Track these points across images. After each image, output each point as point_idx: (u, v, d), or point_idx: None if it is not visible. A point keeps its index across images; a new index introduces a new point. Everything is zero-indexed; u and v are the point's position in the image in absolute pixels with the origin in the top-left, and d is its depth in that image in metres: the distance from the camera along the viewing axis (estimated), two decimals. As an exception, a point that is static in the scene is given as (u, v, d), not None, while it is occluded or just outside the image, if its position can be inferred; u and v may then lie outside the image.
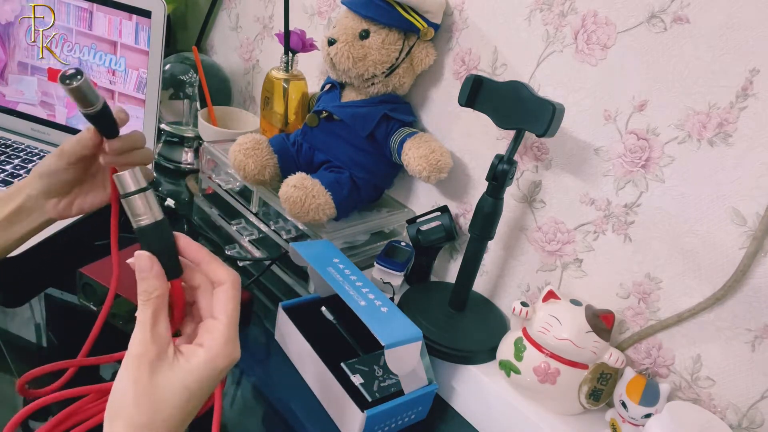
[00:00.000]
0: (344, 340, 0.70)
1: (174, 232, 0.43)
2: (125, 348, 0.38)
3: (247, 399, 0.64)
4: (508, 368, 0.64)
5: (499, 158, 0.63)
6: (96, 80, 0.91)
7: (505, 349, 0.66)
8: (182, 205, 0.95)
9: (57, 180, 0.53)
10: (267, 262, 0.81)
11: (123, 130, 0.50)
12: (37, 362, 0.60)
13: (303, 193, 0.71)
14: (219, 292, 0.40)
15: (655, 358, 0.64)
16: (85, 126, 0.50)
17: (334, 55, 0.74)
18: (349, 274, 0.64)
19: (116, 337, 0.54)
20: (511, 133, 0.64)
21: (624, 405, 0.59)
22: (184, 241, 0.42)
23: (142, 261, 0.39)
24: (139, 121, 0.91)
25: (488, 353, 0.68)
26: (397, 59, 0.75)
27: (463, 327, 0.71)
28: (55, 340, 0.66)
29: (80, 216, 0.79)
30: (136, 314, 0.39)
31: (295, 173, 0.74)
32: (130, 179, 0.41)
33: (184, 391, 0.36)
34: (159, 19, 0.85)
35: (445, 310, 0.72)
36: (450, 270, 0.86)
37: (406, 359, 0.57)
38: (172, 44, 1.31)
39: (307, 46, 0.88)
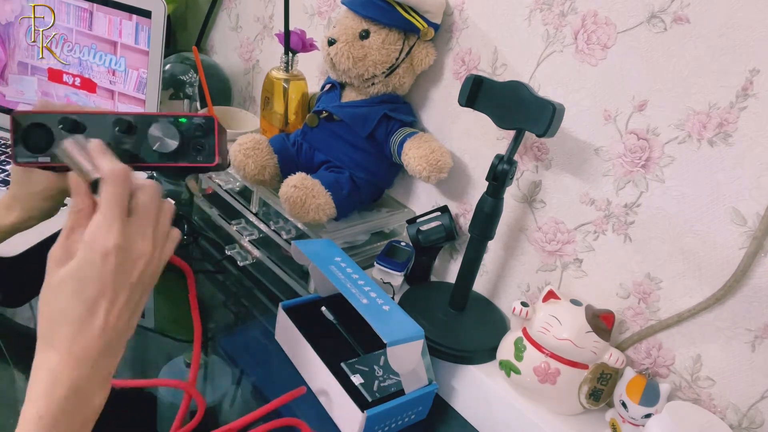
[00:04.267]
0: (344, 340, 0.70)
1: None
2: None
3: (248, 399, 0.64)
4: (508, 368, 0.64)
5: (499, 158, 0.63)
6: (96, 80, 0.91)
7: (505, 349, 0.66)
8: (182, 205, 0.95)
9: None
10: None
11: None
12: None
13: (303, 193, 0.71)
14: (102, 189, 0.42)
15: (655, 358, 0.64)
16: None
17: (334, 55, 0.75)
18: (350, 273, 0.64)
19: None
20: (511, 133, 0.64)
21: (624, 405, 0.59)
22: (69, 145, 0.44)
23: (73, 181, 0.42)
24: (139, 121, 0.91)
25: (488, 353, 0.68)
26: (397, 59, 0.75)
27: (463, 327, 0.71)
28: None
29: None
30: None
31: (295, 173, 0.74)
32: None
33: (71, 280, 0.40)
34: (159, 19, 0.85)
35: (445, 310, 0.72)
36: (450, 270, 0.86)
37: (407, 357, 0.57)
38: (172, 44, 1.31)
39: (307, 46, 0.88)
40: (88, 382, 0.40)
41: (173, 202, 0.45)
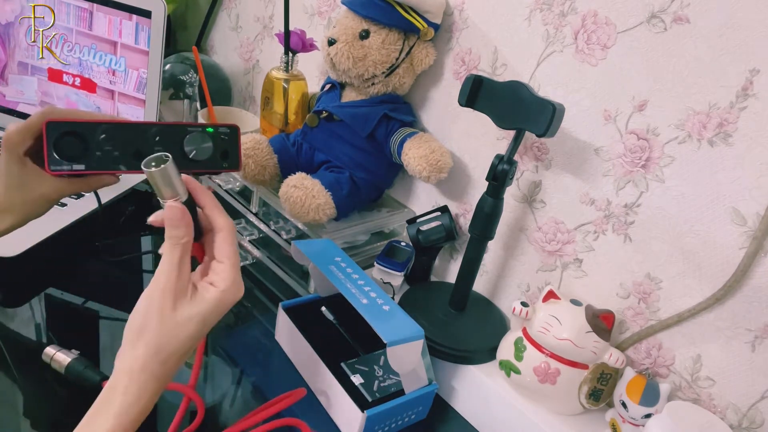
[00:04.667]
0: (344, 340, 0.70)
1: (183, 175, 0.45)
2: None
3: (248, 399, 0.64)
4: (508, 368, 0.64)
5: (499, 158, 0.63)
6: (96, 80, 0.91)
7: (505, 349, 0.66)
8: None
9: None
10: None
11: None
12: (38, 362, 0.60)
13: (303, 193, 0.71)
14: (220, 238, 0.45)
15: (655, 358, 0.64)
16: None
17: (334, 55, 0.75)
18: (351, 273, 0.64)
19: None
20: (511, 133, 0.64)
21: (624, 405, 0.59)
22: (193, 184, 0.46)
23: (175, 211, 0.43)
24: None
25: (488, 353, 0.68)
26: (397, 59, 0.75)
27: (463, 327, 0.71)
28: (55, 340, 0.66)
29: (80, 216, 0.79)
30: (160, 251, 0.44)
31: (295, 173, 0.74)
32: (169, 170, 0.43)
33: (199, 322, 0.42)
34: (159, 19, 0.85)
35: (445, 310, 0.72)
36: (450, 270, 0.86)
37: (407, 357, 0.57)
38: (172, 44, 1.31)
39: (307, 46, 0.88)
40: (154, 399, 0.42)
41: None
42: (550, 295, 0.63)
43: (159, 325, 0.41)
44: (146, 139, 0.49)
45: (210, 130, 0.51)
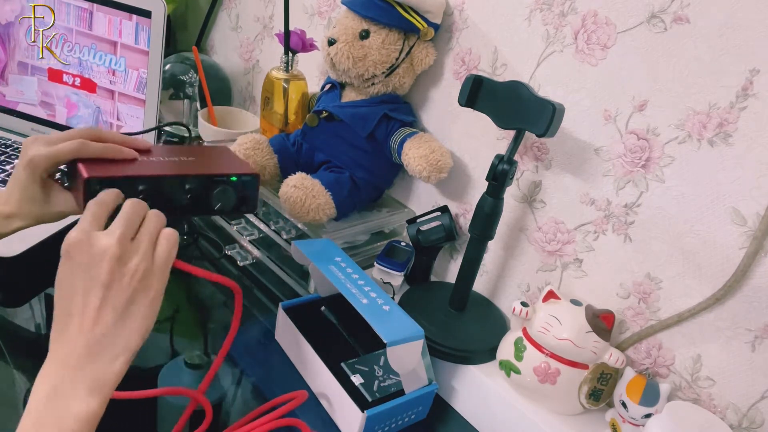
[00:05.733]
0: (344, 340, 0.70)
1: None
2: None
3: (248, 399, 0.64)
4: (508, 368, 0.64)
5: (499, 158, 0.63)
6: (96, 80, 0.91)
7: (505, 349, 0.66)
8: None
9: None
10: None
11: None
12: (38, 362, 0.60)
13: (303, 193, 0.71)
14: None
15: (655, 358, 0.64)
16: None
17: (334, 55, 0.75)
18: (350, 273, 0.64)
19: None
20: (511, 133, 0.64)
21: (624, 405, 0.59)
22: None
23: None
24: (139, 121, 0.91)
25: (488, 353, 0.68)
26: (397, 59, 0.75)
27: (463, 327, 0.71)
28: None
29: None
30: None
31: (295, 173, 0.74)
32: None
33: (56, 286, 0.43)
34: (159, 19, 0.85)
35: (445, 310, 0.72)
36: (450, 270, 0.86)
37: (407, 357, 0.57)
38: (172, 44, 1.31)
39: (307, 46, 0.88)
40: (68, 384, 0.39)
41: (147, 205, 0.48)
42: (550, 295, 0.63)
43: None
44: (179, 193, 0.54)
45: (234, 179, 0.56)
